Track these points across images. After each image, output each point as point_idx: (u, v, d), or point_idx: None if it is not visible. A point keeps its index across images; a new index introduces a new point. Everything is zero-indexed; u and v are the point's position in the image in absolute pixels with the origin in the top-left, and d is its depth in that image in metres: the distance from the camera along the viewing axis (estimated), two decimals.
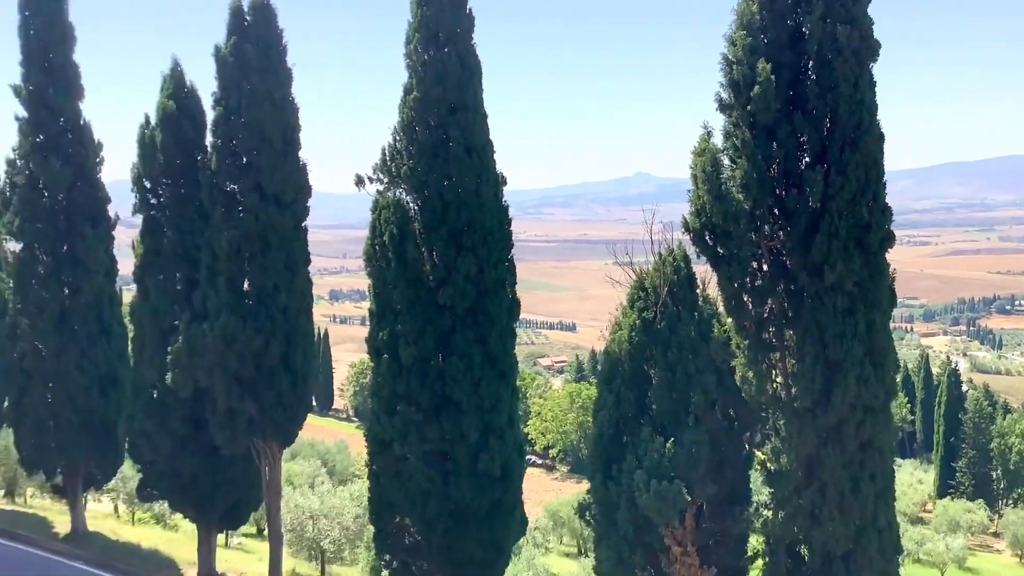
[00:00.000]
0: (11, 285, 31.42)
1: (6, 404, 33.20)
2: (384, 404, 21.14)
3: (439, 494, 21.13)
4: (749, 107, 16.36)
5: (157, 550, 32.17)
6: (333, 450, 68.37)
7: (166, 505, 33.33)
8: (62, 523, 34.28)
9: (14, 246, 31.34)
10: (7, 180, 31.50)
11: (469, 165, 20.40)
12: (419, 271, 20.74)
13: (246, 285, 25.67)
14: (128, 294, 32.60)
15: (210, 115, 25.62)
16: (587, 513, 20.11)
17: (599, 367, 25.37)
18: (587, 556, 40.93)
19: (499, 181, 21.15)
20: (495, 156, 21.21)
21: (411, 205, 21.11)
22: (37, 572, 29.02)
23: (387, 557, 22.55)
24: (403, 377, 20.65)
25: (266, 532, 30.46)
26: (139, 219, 28.59)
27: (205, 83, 26.01)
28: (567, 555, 52.07)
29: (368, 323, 22.20)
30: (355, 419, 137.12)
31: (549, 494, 75.10)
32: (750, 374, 17.57)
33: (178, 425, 27.22)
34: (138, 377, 28.21)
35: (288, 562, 30.24)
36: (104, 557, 30.50)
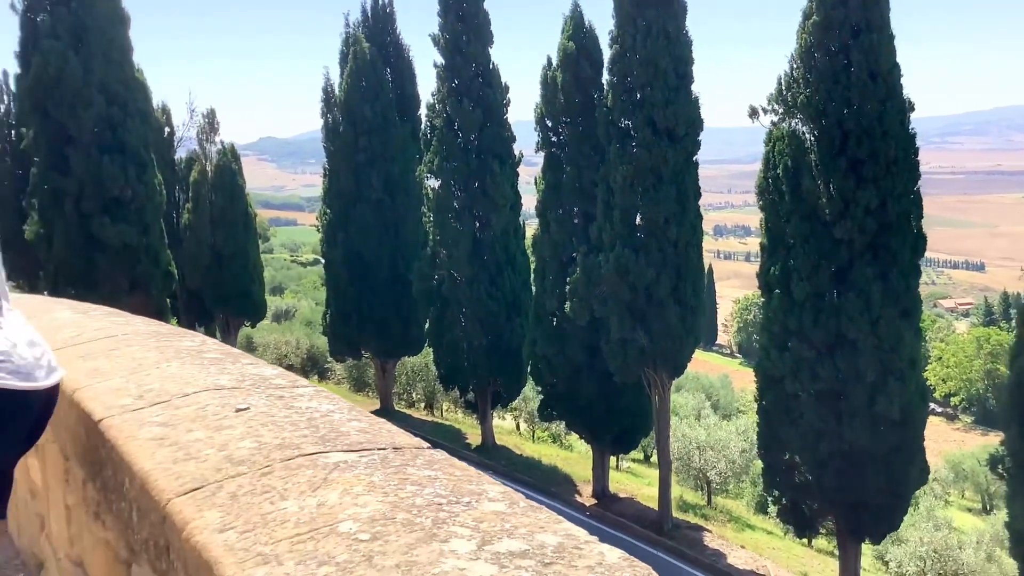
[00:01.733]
0: (431, 219, 36.15)
1: (427, 326, 38.44)
2: (775, 340, 21.72)
3: (832, 434, 21.38)
4: None
5: (555, 466, 35.71)
6: (717, 384, 69.69)
7: (563, 426, 36.84)
8: (473, 435, 39.21)
9: (433, 183, 35.97)
10: (428, 123, 36.11)
11: (872, 91, 20.00)
12: (814, 204, 20.86)
13: (638, 219, 27.36)
14: (530, 228, 36.10)
15: (607, 53, 27.43)
16: (999, 466, 19.31)
17: (1013, 311, 23.68)
18: (993, 513, 38.16)
19: (905, 108, 20.48)
20: (902, 80, 20.47)
21: (807, 136, 21.20)
22: None
23: (775, 493, 23.33)
24: (795, 313, 21.04)
25: (653, 458, 32.59)
26: (539, 157, 31.53)
27: (601, 23, 27.80)
28: (969, 510, 48.93)
29: (756, 259, 22.75)
30: (738, 355, 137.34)
31: (950, 444, 70.46)
32: None
33: (575, 351, 29.89)
34: (539, 305, 31.35)
35: (675, 489, 32.08)
36: (509, 468, 34.52)
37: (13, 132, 51.03)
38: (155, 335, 3.42)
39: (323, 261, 48.08)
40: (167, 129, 47.85)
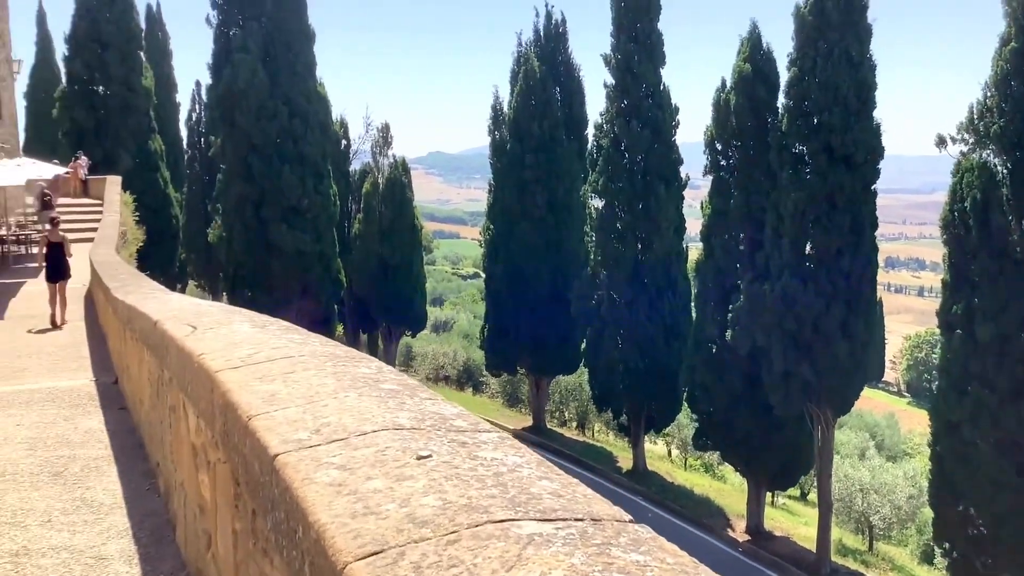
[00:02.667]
0: (593, 239, 36.19)
1: (583, 345, 38.44)
2: (954, 383, 20.56)
3: (1013, 487, 20.01)
4: None
5: (708, 497, 34.92)
6: (882, 424, 66.43)
7: (717, 455, 36.00)
8: (624, 459, 38.85)
9: (597, 203, 36.03)
10: (595, 142, 36.23)
11: None
12: (1004, 240, 19.66)
13: (808, 247, 26.51)
14: (693, 252, 35.59)
15: (784, 76, 26.80)
16: None
17: None
18: None
19: None
20: None
21: (999, 168, 20.03)
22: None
23: (945, 545, 22.03)
24: (978, 355, 19.87)
25: (810, 496, 31.30)
26: (705, 180, 31.07)
27: (779, 44, 27.18)
28: None
29: (930, 294, 21.68)
30: (907, 394, 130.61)
31: None
32: None
33: (735, 381, 29.19)
34: (699, 331, 30.82)
35: (834, 531, 30.78)
36: (660, 496, 34.02)
37: (203, 140, 54.58)
38: (331, 358, 3.38)
39: (484, 275, 48.93)
40: (344, 142, 49.96)
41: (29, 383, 10.22)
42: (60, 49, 45.63)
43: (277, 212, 38.46)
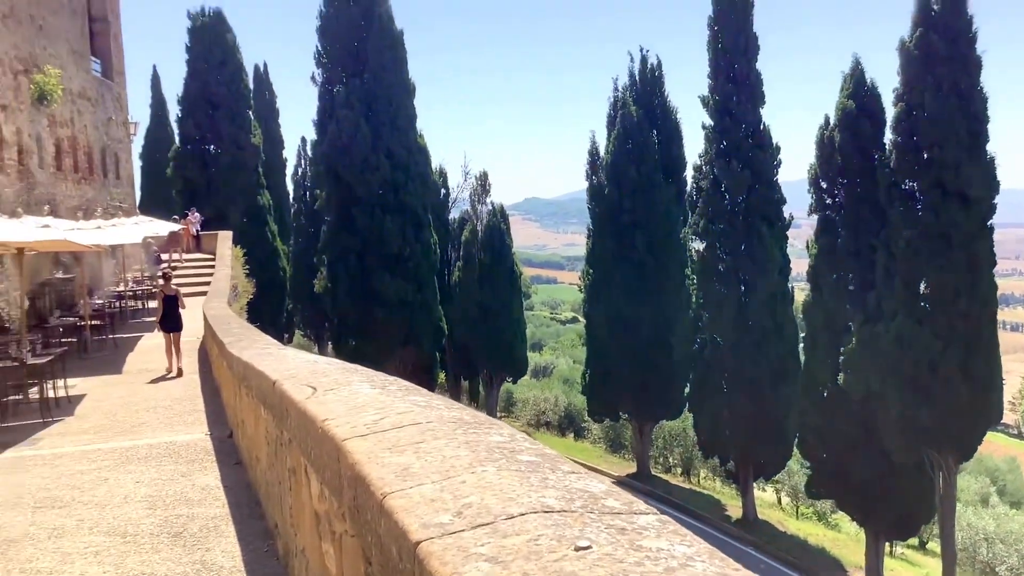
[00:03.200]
0: (695, 281, 35.70)
1: (687, 390, 37.76)
2: None
3: None
4: None
5: (823, 548, 33.67)
6: (1003, 468, 63.28)
7: (829, 503, 34.71)
8: (733, 507, 37.82)
9: (698, 245, 35.57)
10: (694, 184, 35.89)
11: None
12: None
13: (923, 287, 25.57)
14: (799, 293, 34.75)
15: (890, 111, 26.12)
16: None
17: None
18: None
19: None
20: None
21: None
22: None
23: None
24: None
25: (930, 545, 29.84)
26: (809, 219, 30.37)
27: (883, 80, 26.55)
28: None
29: None
30: None
31: None
32: None
33: (848, 427, 28.19)
34: (809, 374, 29.95)
35: None
36: (772, 546, 32.94)
37: (308, 193, 56.20)
38: (459, 424, 3.20)
39: (583, 320, 48.74)
40: (443, 191, 50.77)
41: (147, 438, 10.50)
42: (173, 110, 47.85)
43: (380, 262, 39.18)
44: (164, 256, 31.49)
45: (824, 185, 28.88)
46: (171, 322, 16.48)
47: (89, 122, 30.28)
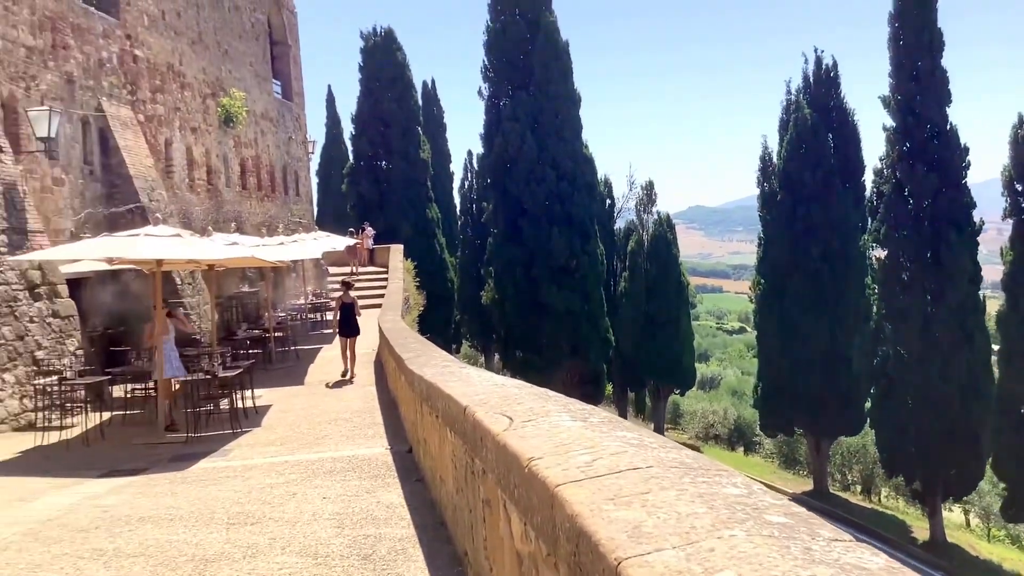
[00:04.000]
0: (876, 291, 34.08)
1: (868, 405, 36.05)
2: None
3: None
4: None
5: (1019, 575, 31.35)
6: None
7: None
8: (919, 529, 35.81)
9: (879, 253, 33.96)
10: (874, 189, 34.30)
11: None
12: None
13: None
14: (991, 303, 32.59)
15: None
16: None
17: None
18: None
19: None
20: None
21: None
22: None
23: None
24: None
25: None
26: (1004, 224, 28.43)
27: None
28: None
29: None
30: None
31: None
32: None
33: None
34: (1004, 390, 28.09)
35: None
36: (965, 572, 30.94)
37: (474, 205, 57.25)
38: (685, 470, 2.75)
39: (751, 330, 47.47)
40: (608, 201, 50.59)
41: (331, 451, 10.76)
42: (347, 128, 49.85)
43: (546, 273, 39.40)
44: (332, 269, 32.70)
45: (1020, 188, 27.01)
46: (348, 327, 17.63)
47: (271, 142, 31.93)
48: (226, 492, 8.69)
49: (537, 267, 39.72)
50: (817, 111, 38.48)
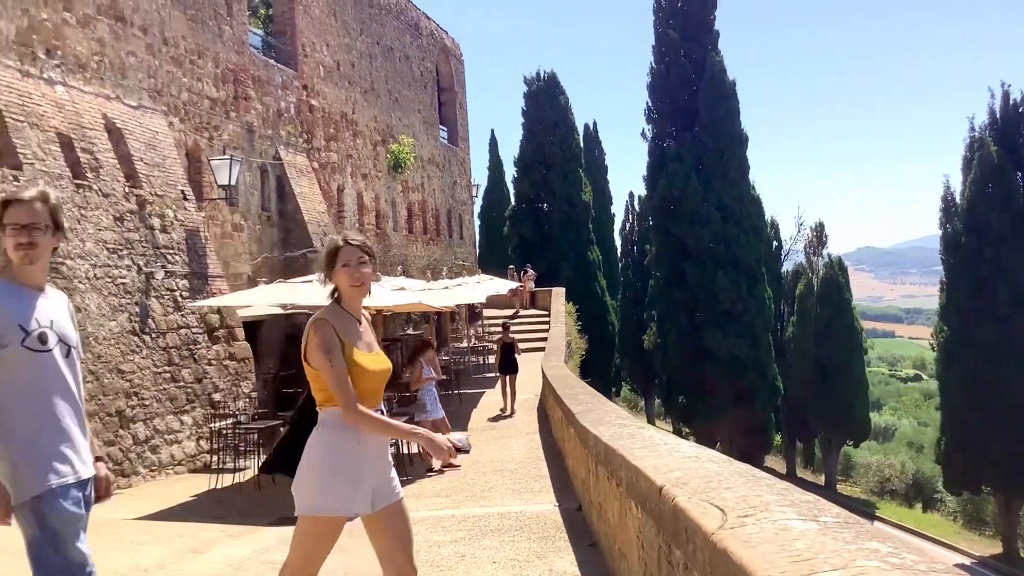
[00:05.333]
0: None
1: None
2: None
3: None
4: None
5: None
6: None
7: None
8: None
9: None
10: None
11: None
12: None
13: None
14: None
15: None
16: None
17: None
18: None
19: None
20: None
21: None
22: None
23: None
24: None
25: None
26: None
27: None
28: None
29: None
30: None
31: None
32: None
33: None
34: None
35: None
36: None
37: (635, 247, 56.68)
38: None
39: (927, 378, 44.71)
40: (775, 243, 48.98)
41: (497, 506, 10.37)
42: (509, 171, 50.33)
43: (711, 317, 38.37)
44: (487, 312, 32.70)
45: None
46: (509, 365, 18.18)
47: (437, 186, 32.52)
48: None
49: (701, 311, 38.75)
50: (1004, 149, 36.15)
